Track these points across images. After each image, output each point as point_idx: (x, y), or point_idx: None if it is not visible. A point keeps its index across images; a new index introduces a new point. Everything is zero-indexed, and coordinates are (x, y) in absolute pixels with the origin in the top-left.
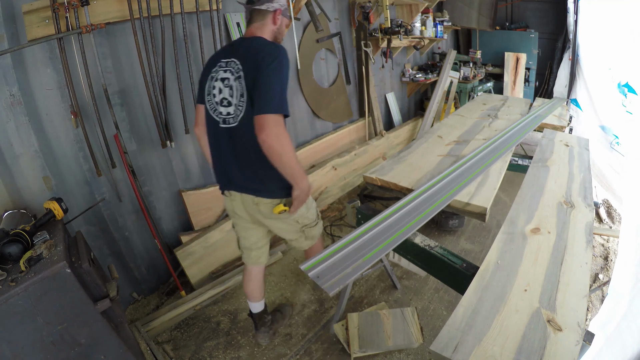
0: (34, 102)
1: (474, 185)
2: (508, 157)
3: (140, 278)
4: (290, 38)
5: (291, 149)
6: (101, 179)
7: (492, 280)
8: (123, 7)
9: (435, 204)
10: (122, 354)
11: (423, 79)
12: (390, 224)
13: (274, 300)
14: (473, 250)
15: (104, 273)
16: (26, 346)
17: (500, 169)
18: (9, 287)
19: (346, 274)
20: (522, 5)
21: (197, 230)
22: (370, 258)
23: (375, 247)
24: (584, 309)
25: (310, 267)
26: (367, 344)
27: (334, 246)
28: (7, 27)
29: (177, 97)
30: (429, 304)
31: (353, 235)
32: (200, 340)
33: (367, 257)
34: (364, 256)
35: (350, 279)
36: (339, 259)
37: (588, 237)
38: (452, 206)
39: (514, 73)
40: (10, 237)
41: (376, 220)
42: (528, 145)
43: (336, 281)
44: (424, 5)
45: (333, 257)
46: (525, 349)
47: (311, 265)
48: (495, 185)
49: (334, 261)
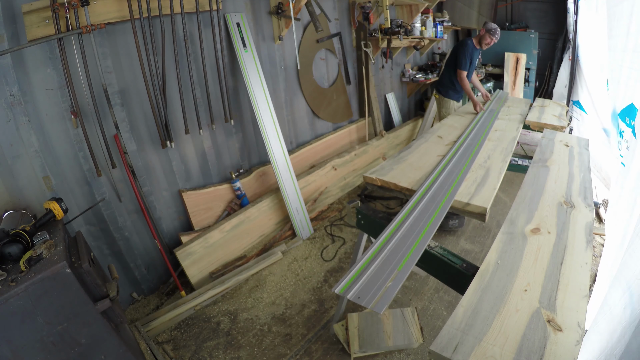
0: (34, 102)
1: (473, 185)
2: (508, 158)
3: (140, 278)
4: (290, 38)
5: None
6: (101, 179)
7: (492, 280)
8: (123, 7)
9: (442, 202)
10: (122, 354)
11: (423, 79)
12: (407, 230)
13: (274, 301)
14: (473, 250)
15: (104, 273)
16: (26, 346)
17: (500, 169)
18: (9, 287)
19: (388, 288)
20: (522, 5)
21: (197, 230)
22: (405, 266)
23: (404, 255)
24: (584, 309)
25: (344, 288)
26: (367, 344)
27: (360, 263)
28: (7, 27)
29: (177, 97)
30: (429, 304)
31: (374, 249)
32: (200, 340)
33: (402, 266)
34: (398, 266)
35: (395, 291)
36: (372, 275)
37: (588, 237)
38: (452, 207)
39: (514, 73)
40: (10, 237)
41: (390, 229)
42: (528, 145)
43: (381, 298)
44: (424, 6)
45: (364, 274)
46: (525, 349)
47: (345, 287)
48: (495, 185)
49: (369, 278)
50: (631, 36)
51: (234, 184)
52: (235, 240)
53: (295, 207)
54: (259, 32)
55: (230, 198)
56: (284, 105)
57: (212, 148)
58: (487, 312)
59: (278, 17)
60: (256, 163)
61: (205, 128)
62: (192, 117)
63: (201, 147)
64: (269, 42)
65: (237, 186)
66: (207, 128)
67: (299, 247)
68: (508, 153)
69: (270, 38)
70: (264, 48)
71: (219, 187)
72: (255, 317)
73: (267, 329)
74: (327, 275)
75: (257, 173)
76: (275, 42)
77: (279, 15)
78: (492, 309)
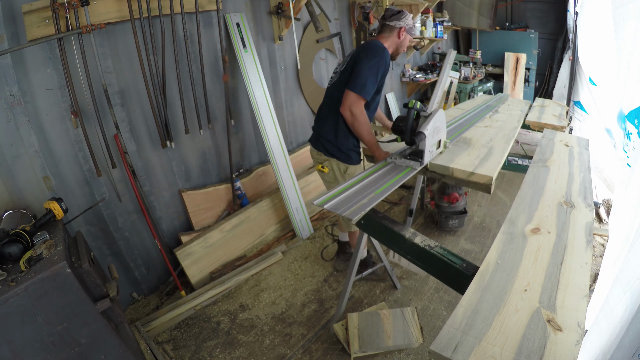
0: (34, 102)
1: (477, 159)
2: (510, 142)
3: (140, 278)
4: (290, 38)
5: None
6: (101, 179)
7: (492, 280)
8: (123, 7)
9: None
10: (122, 354)
11: (423, 79)
12: (389, 169)
13: (274, 301)
14: (473, 250)
15: (104, 273)
16: (26, 346)
17: (503, 149)
18: (9, 287)
19: (363, 204)
20: (522, 5)
21: (197, 230)
22: (382, 191)
23: (384, 183)
24: (584, 309)
25: (323, 202)
26: (367, 344)
27: (343, 185)
28: (7, 27)
29: (177, 97)
30: (429, 304)
31: (359, 177)
32: (200, 340)
33: (379, 191)
34: (376, 190)
35: (368, 206)
36: (351, 194)
37: (588, 237)
38: (456, 177)
39: (514, 73)
40: (10, 237)
41: (377, 166)
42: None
43: (356, 209)
44: (424, 6)
45: (344, 193)
46: (525, 349)
47: (324, 201)
48: (500, 160)
49: (347, 195)
50: (639, 38)
51: (234, 183)
52: (235, 240)
53: (295, 207)
54: (259, 32)
55: (230, 198)
56: (284, 105)
57: (212, 148)
58: (487, 312)
59: (278, 17)
60: (256, 163)
61: (205, 128)
62: (192, 117)
63: (201, 147)
64: (269, 42)
65: (237, 186)
66: (207, 128)
67: (299, 247)
68: (510, 138)
69: (270, 38)
70: (263, 48)
71: (219, 187)
72: (255, 317)
73: (267, 329)
74: (327, 275)
75: (257, 173)
76: (275, 42)
77: (279, 15)
78: (492, 309)
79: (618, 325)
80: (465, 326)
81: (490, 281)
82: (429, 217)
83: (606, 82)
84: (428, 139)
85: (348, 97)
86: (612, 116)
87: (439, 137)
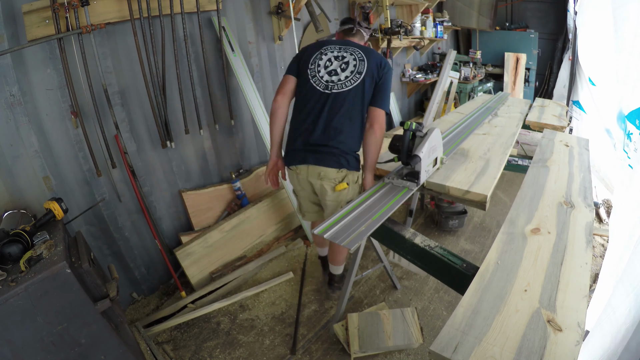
0: (34, 102)
1: (473, 175)
2: (508, 151)
3: (140, 278)
4: (290, 38)
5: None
6: (101, 179)
7: (492, 281)
8: (123, 7)
9: None
10: (122, 354)
11: (423, 79)
12: (386, 191)
13: (274, 301)
14: (473, 250)
15: (104, 273)
16: (26, 346)
17: (500, 161)
18: (9, 287)
19: (361, 232)
20: (522, 5)
21: (197, 230)
22: (379, 217)
23: (380, 208)
24: (584, 309)
25: (323, 230)
26: (367, 344)
27: (340, 212)
28: (7, 27)
29: (177, 97)
30: (429, 304)
31: (355, 203)
32: (200, 340)
33: (376, 217)
34: (373, 216)
35: (366, 234)
36: (349, 222)
37: (588, 237)
38: (452, 194)
39: (514, 73)
40: (10, 237)
41: (373, 190)
42: (528, 145)
43: (354, 238)
44: (424, 6)
45: (342, 221)
46: (526, 349)
47: (324, 229)
48: (495, 175)
49: (345, 224)
50: (639, 38)
51: (234, 184)
52: (236, 240)
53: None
54: (259, 32)
55: (230, 198)
56: None
57: (212, 148)
58: (487, 312)
59: (278, 17)
60: (256, 163)
61: (205, 128)
62: (193, 117)
63: (201, 147)
64: (269, 42)
65: (237, 186)
66: (207, 128)
67: (299, 247)
68: (508, 147)
69: (270, 38)
70: (264, 48)
71: (219, 187)
72: (255, 317)
73: (267, 329)
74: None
75: (257, 173)
76: (275, 42)
77: (279, 15)
78: (492, 309)
79: (622, 327)
80: (466, 326)
81: (490, 281)
82: (429, 217)
83: (605, 82)
84: (424, 161)
85: (379, 115)
86: (612, 116)
87: (435, 155)
